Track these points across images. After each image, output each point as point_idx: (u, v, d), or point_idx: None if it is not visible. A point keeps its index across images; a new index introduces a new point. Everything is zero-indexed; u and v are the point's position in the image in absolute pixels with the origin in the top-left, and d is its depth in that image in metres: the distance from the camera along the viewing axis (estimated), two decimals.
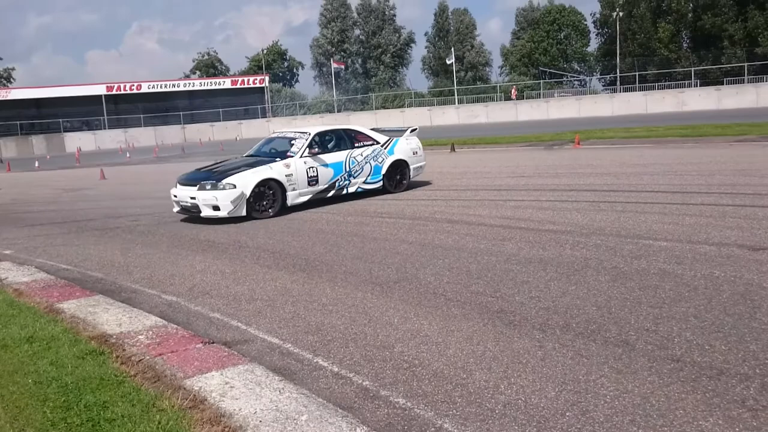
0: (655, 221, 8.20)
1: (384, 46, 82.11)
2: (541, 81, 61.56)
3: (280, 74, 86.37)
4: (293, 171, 11.64)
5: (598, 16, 67.51)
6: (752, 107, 34.58)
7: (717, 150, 16.29)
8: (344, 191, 12.48)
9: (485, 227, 8.77)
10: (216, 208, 10.92)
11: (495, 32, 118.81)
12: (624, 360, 4.15)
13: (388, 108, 62.19)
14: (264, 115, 63.69)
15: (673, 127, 23.70)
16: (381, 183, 13.02)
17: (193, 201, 11.13)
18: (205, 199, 10.96)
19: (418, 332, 4.98)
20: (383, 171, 13.01)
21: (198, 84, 69.67)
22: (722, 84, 43.69)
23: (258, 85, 67.66)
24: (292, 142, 12.29)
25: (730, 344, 4.24)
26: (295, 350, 4.83)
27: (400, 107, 61.63)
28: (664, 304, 5.11)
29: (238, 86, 67.70)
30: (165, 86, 66.42)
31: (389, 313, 5.51)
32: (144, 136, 58.58)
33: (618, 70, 55.49)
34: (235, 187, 10.94)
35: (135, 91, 65.10)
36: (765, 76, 43.05)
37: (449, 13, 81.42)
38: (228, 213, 10.92)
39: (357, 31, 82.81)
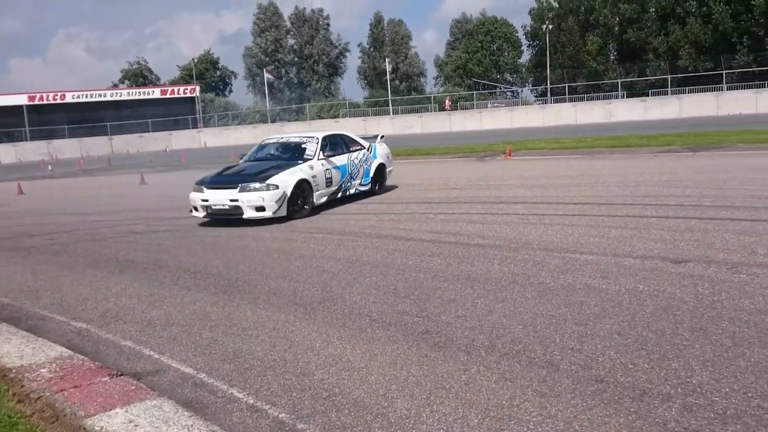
0: (582, 234, 8.24)
1: (318, 56, 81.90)
2: (475, 92, 62.45)
3: (213, 84, 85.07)
4: (316, 173, 12.14)
5: (529, 28, 68.97)
6: (675, 118, 35.84)
7: (642, 161, 16.71)
8: (347, 193, 13.14)
9: (414, 242, 8.65)
10: (261, 208, 11.12)
11: (430, 43, 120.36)
12: (548, 382, 4.05)
13: (323, 118, 61.91)
14: (195, 126, 62.49)
15: (601, 138, 24.26)
16: (370, 185, 13.82)
17: (234, 203, 11.20)
18: (250, 200, 11.12)
19: (340, 357, 4.78)
20: (371, 174, 13.85)
21: (126, 94, 67.87)
22: (647, 95, 45.19)
23: (189, 95, 66.39)
24: (304, 146, 12.75)
25: (653, 362, 4.19)
26: (210, 381, 4.56)
27: (335, 117, 61.44)
28: (589, 321, 5.06)
29: (168, 96, 66.26)
30: (91, 96, 64.47)
31: (311, 336, 5.29)
32: (69, 147, 56.56)
33: (548, 82, 56.77)
34: (278, 187, 11.22)
35: (59, 101, 62.93)
36: (687, 88, 44.70)
37: (385, 24, 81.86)
38: (273, 213, 11.16)
39: (291, 41, 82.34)
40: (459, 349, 4.72)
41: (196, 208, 11.66)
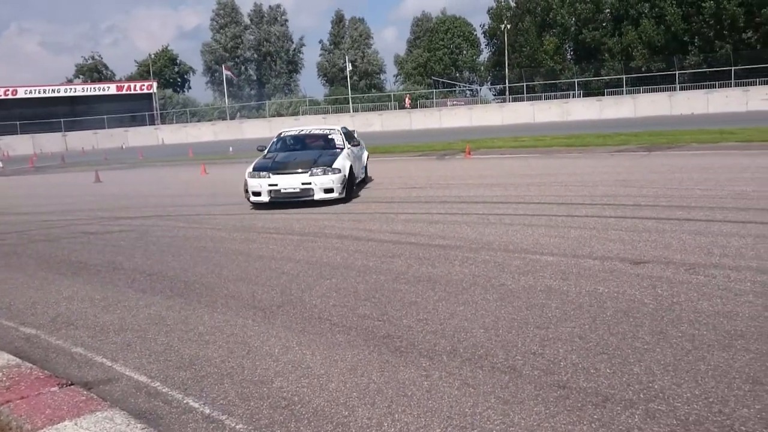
0: (542, 234, 8.26)
1: (277, 53, 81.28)
2: (435, 90, 62.65)
3: (171, 80, 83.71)
4: (352, 160, 13.37)
5: (487, 27, 69.42)
6: (630, 117, 36.47)
7: (599, 160, 16.92)
8: (358, 180, 14.23)
9: (375, 243, 8.57)
10: (330, 190, 12.25)
11: (390, 41, 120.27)
12: (510, 388, 4.01)
13: (283, 115, 61.40)
14: (152, 123, 61.35)
15: (558, 137, 24.52)
16: (365, 175, 15.53)
17: (306, 186, 12.22)
18: (322, 182, 12.22)
19: (299, 364, 4.67)
20: (364, 164, 15.56)
21: (81, 89, 66.33)
22: (603, 95, 45.90)
23: (146, 90, 65.09)
24: (330, 136, 14.23)
25: (614, 367, 4.18)
26: (165, 390, 4.41)
27: (294, 115, 60.98)
28: (551, 324, 5.04)
29: (125, 92, 64.87)
30: (44, 91, 62.78)
31: (270, 342, 5.17)
32: (20, 144, 55.04)
33: (507, 81, 57.22)
34: (340, 171, 12.43)
35: (11, 97, 61.12)
36: (641, 88, 45.54)
37: (346, 22, 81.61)
38: (338, 194, 12.33)
39: (250, 37, 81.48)
40: (421, 355, 4.66)
41: (257, 193, 12.40)
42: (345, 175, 12.44)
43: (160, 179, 22.17)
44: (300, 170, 12.37)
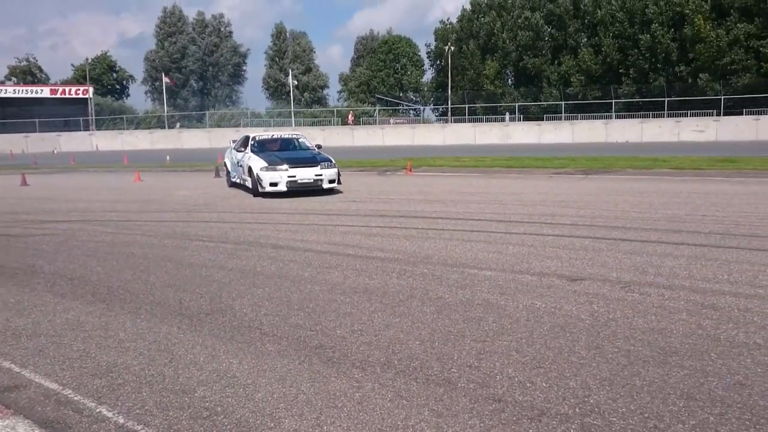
0: (481, 250, 8.21)
1: (221, 64, 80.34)
2: (378, 107, 62.87)
3: (109, 87, 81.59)
4: None
5: (432, 48, 70.20)
6: (568, 142, 37.30)
7: (538, 181, 17.13)
8: None
9: (312, 253, 8.36)
10: (333, 181, 15.09)
11: (336, 59, 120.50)
12: (445, 401, 3.87)
13: (223, 126, 60.48)
14: (87, 128, 59.46)
15: (498, 159, 24.80)
16: None
17: (318, 177, 14.93)
18: (329, 174, 15.06)
19: (225, 373, 4.43)
20: None
21: (12, 91, 63.83)
22: (542, 119, 46.88)
23: (81, 95, 63.12)
24: (301, 140, 17.52)
25: (551, 381, 4.09)
26: (76, 397, 4.09)
27: (236, 126, 60.13)
28: (487, 337, 4.94)
29: (59, 96, 62.72)
30: None
31: (195, 350, 4.90)
32: None
33: (449, 102, 57.89)
34: (336, 165, 15.39)
35: None
36: (579, 115, 46.72)
37: (287, 35, 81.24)
38: (337, 184, 15.31)
39: (194, 47, 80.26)
40: (353, 365, 4.47)
41: (275, 183, 14.67)
42: (338, 169, 15.37)
43: (92, 185, 21.38)
44: (312, 164, 15.06)
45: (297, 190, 14.68)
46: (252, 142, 16.63)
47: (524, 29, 57.32)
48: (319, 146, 17.01)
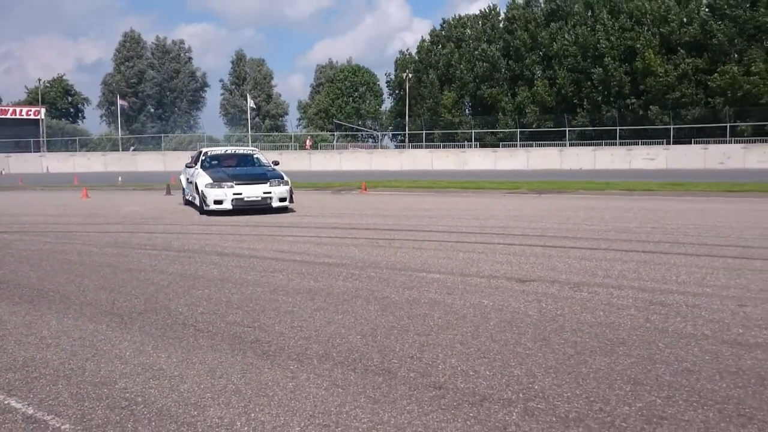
0: (430, 256, 8.05)
1: (179, 90, 79.60)
2: (336, 133, 62.86)
3: (64, 110, 79.91)
4: None
5: (392, 77, 70.67)
6: (523, 169, 37.61)
7: (492, 199, 17.13)
8: None
9: (257, 260, 8.10)
10: (283, 199, 14.00)
11: (296, 87, 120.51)
12: (383, 389, 3.65)
13: (179, 150, 59.61)
14: (38, 150, 57.95)
15: (454, 182, 24.81)
16: None
17: (267, 195, 13.83)
18: (280, 192, 13.95)
19: (151, 366, 4.14)
20: None
21: None
22: (498, 147, 47.37)
23: (33, 116, 61.62)
24: (256, 156, 16.49)
25: (495, 370, 3.91)
26: None
27: (192, 151, 59.30)
28: (432, 331, 4.75)
29: (9, 116, 61.08)
30: None
31: (122, 345, 4.60)
32: None
33: (407, 128, 58.16)
34: (289, 183, 14.32)
35: None
36: (534, 143, 47.35)
37: (246, 61, 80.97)
38: (288, 203, 14.16)
39: (152, 72, 79.35)
40: (290, 358, 4.23)
41: (219, 201, 13.63)
42: (291, 186, 14.26)
43: (37, 201, 20.66)
44: (259, 181, 14.02)
45: (243, 209, 13.73)
46: (203, 158, 15.78)
47: (481, 60, 58.12)
48: (276, 163, 16.18)
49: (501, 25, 60.54)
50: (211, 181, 13.92)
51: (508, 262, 7.49)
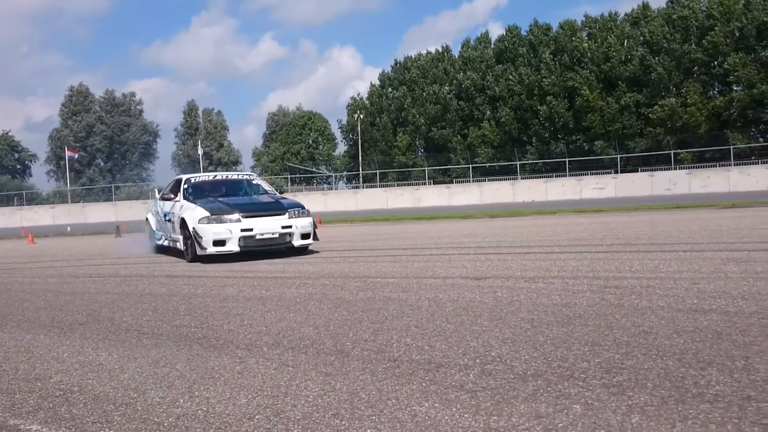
0: (386, 266, 7.95)
1: (130, 142, 78.73)
2: (290, 176, 62.81)
3: (10, 167, 78.17)
4: None
5: (344, 123, 71.23)
6: (477, 203, 37.96)
7: (446, 224, 17.19)
8: None
9: (208, 278, 7.87)
10: (307, 236, 10.13)
11: (250, 137, 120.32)
12: (336, 365, 3.50)
13: (132, 199, 58.62)
14: None
15: (408, 216, 24.87)
16: None
17: (286, 230, 9.85)
18: (303, 226, 10.05)
19: (90, 363, 3.92)
20: None
21: None
22: (452, 183, 47.94)
23: None
24: (255, 182, 12.19)
25: (451, 344, 3.80)
26: None
27: (145, 199, 58.39)
28: (386, 320, 4.61)
29: None
30: None
31: (60, 349, 4.36)
32: None
33: (360, 168, 58.45)
34: (310, 213, 10.53)
35: None
36: (487, 178, 48.05)
37: (199, 112, 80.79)
38: (312, 239, 10.29)
39: (101, 126, 78.40)
40: (238, 348, 4.06)
41: (220, 242, 9.55)
42: (314, 219, 10.63)
43: None
44: (274, 212, 10.08)
45: (254, 250, 9.79)
46: (185, 186, 11.37)
47: (432, 103, 59.04)
48: (281, 191, 13.14)
49: (453, 66, 61.62)
50: (208, 214, 9.78)
51: (464, 266, 7.42)
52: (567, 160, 46.30)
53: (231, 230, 9.60)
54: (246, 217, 9.79)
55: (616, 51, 49.38)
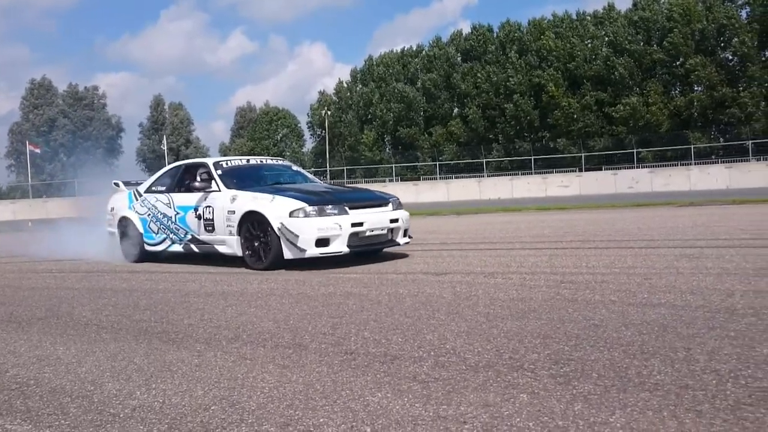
0: (347, 262, 7.98)
1: (94, 137, 77.47)
2: None
3: None
4: None
5: (312, 118, 71.03)
6: (444, 201, 38.23)
7: (412, 221, 17.21)
8: None
9: (170, 274, 7.85)
10: (406, 232, 8.47)
11: (219, 133, 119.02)
12: (293, 357, 3.56)
13: (95, 194, 57.70)
14: None
15: None
16: None
17: (393, 225, 8.09)
18: (406, 220, 8.46)
19: (47, 357, 3.91)
20: None
21: None
22: (419, 180, 48.18)
23: None
24: (295, 168, 10.32)
25: (407, 337, 3.88)
26: None
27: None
28: (345, 314, 4.68)
29: None
30: None
31: (18, 344, 4.34)
32: None
33: (328, 165, 58.40)
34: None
35: None
36: (453, 175, 48.41)
37: (165, 107, 79.86)
38: (409, 237, 8.62)
39: (65, 120, 77.04)
40: (197, 342, 4.09)
41: (324, 241, 7.43)
42: None
43: None
44: (376, 203, 8.28)
45: (362, 250, 7.89)
46: (219, 172, 8.69)
47: (398, 102, 59.23)
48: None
49: (420, 64, 61.81)
50: (305, 205, 7.57)
51: (425, 262, 7.53)
52: (533, 158, 46.80)
53: (340, 225, 7.52)
54: (354, 208, 7.82)
55: (581, 50, 50.08)
